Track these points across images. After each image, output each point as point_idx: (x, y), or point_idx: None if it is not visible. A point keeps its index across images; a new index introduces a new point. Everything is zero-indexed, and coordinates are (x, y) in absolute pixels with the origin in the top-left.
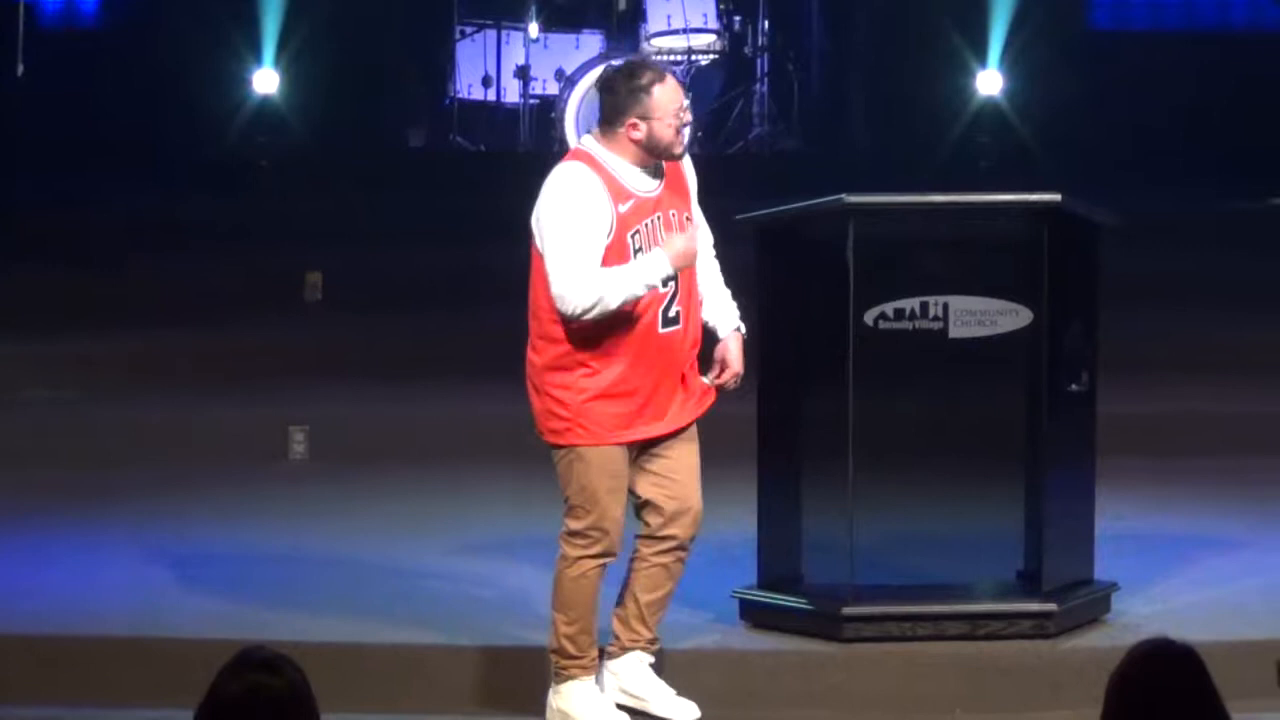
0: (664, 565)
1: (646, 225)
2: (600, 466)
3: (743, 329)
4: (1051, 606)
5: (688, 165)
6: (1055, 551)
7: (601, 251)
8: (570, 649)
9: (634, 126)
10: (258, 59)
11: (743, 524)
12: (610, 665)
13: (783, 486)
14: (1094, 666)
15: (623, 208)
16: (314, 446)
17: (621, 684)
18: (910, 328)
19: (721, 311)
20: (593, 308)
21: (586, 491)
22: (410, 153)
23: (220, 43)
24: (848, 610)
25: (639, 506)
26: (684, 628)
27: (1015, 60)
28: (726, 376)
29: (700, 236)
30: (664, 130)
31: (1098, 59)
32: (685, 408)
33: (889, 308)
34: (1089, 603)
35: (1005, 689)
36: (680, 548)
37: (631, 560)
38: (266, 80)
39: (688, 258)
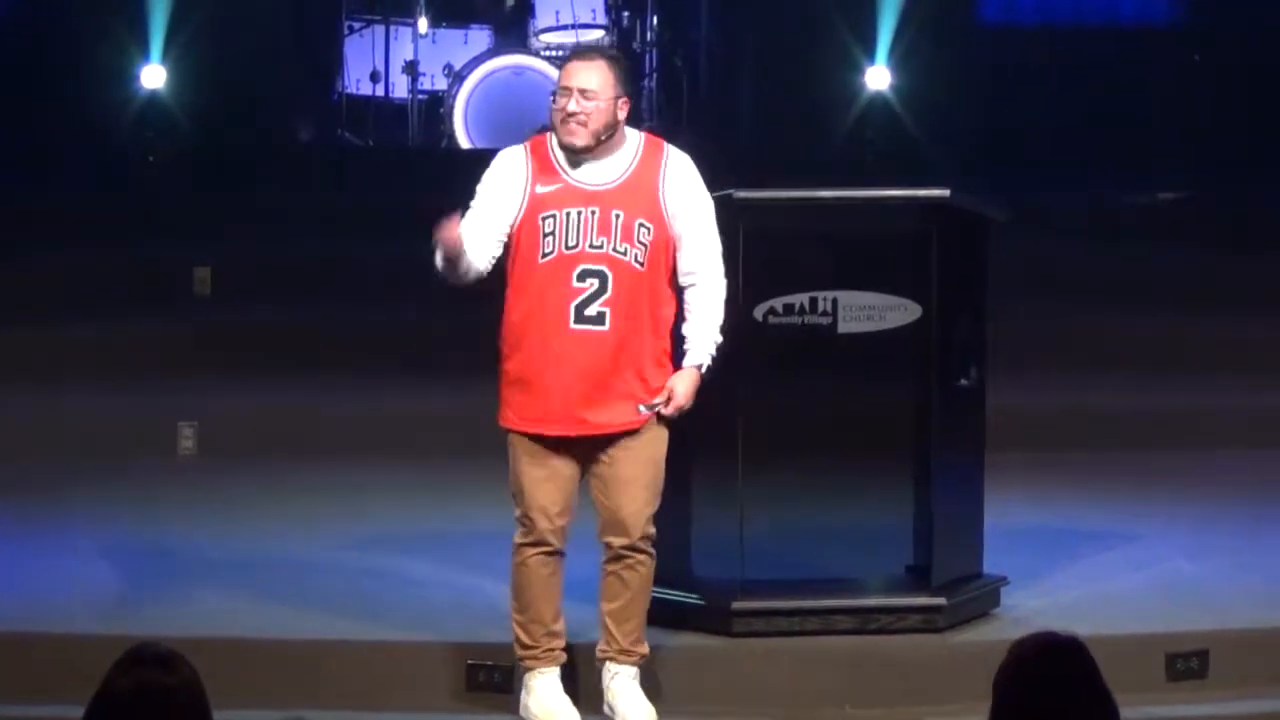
0: (614, 573)
1: (569, 214)
2: (523, 453)
3: (704, 367)
4: (940, 600)
5: (682, 179)
6: (944, 546)
7: (491, 222)
8: (523, 638)
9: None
10: (145, 54)
11: None
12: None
13: (672, 481)
14: (983, 660)
15: (541, 188)
16: (202, 442)
17: (605, 697)
18: (799, 323)
19: (690, 344)
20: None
21: (514, 477)
22: (298, 148)
23: (107, 38)
24: (737, 605)
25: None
26: (573, 622)
27: (904, 56)
28: (669, 409)
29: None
30: (553, 111)
31: (986, 54)
32: (607, 414)
33: (778, 303)
34: (978, 597)
35: (895, 683)
36: (620, 556)
37: None
38: (154, 76)
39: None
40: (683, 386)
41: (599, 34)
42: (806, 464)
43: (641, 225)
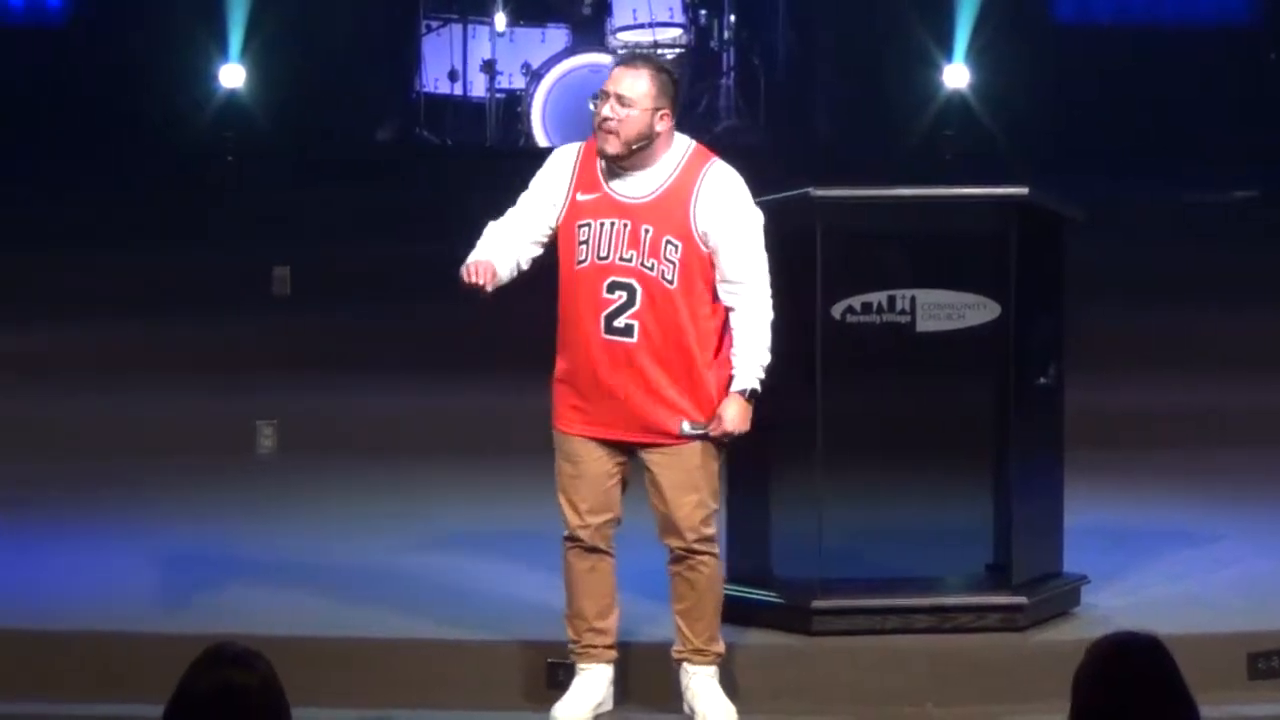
0: (678, 574)
1: (603, 225)
2: (560, 449)
3: (749, 391)
4: (1021, 599)
5: (715, 196)
6: (1024, 544)
7: (531, 226)
8: (569, 631)
9: None
10: (224, 54)
11: None
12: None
13: (751, 481)
14: (1064, 659)
15: (582, 196)
16: (282, 441)
17: (685, 697)
18: (877, 321)
19: (736, 368)
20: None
21: (556, 471)
22: (376, 147)
23: (187, 38)
24: (817, 604)
25: None
26: (652, 622)
27: (981, 54)
28: (716, 433)
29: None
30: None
31: (1062, 52)
32: (641, 422)
33: (856, 301)
34: (1058, 595)
35: (975, 682)
36: (680, 558)
37: None
38: (233, 75)
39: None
40: (730, 413)
41: (676, 32)
42: (885, 462)
43: (669, 242)
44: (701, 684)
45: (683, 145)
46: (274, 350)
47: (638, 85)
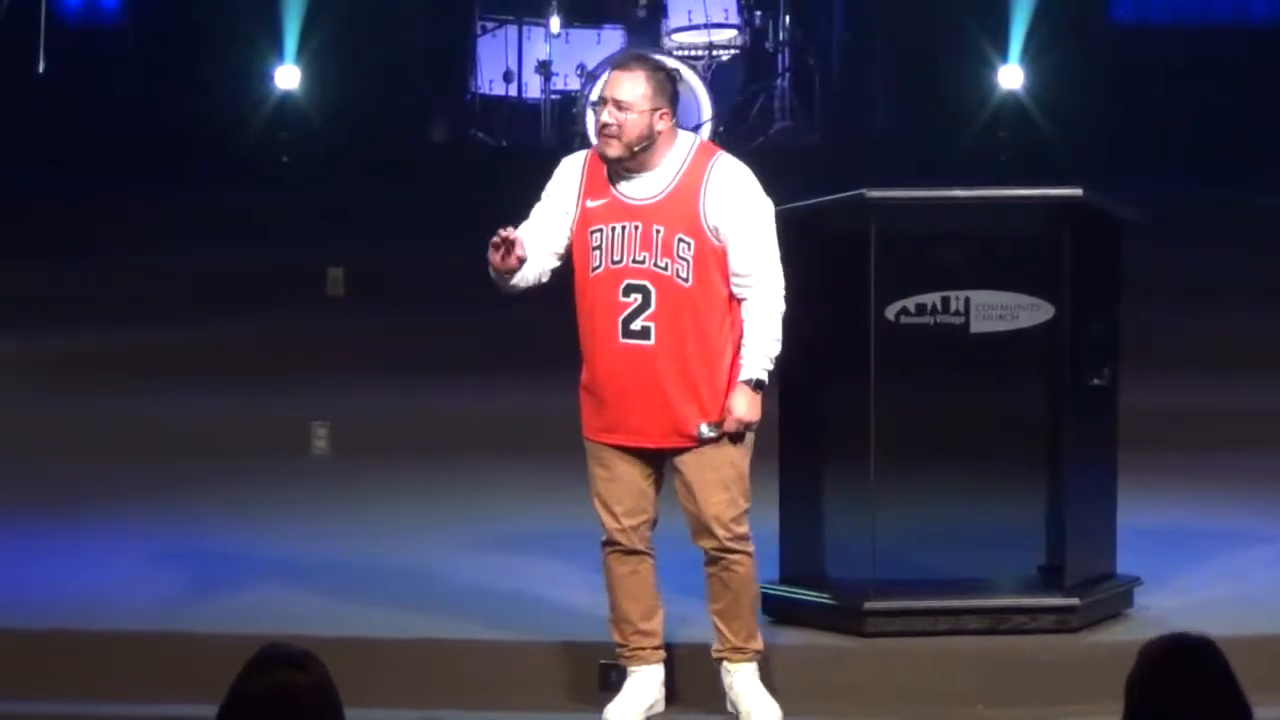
0: (714, 575)
1: (615, 229)
2: (592, 455)
3: (755, 381)
4: (1074, 601)
5: (723, 190)
6: (1077, 546)
7: (546, 238)
8: (614, 635)
9: None
10: (279, 55)
11: (764, 519)
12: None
13: (804, 481)
14: (1117, 661)
15: (591, 202)
16: (336, 442)
17: (728, 696)
18: (931, 322)
19: (742, 358)
20: None
21: (589, 477)
22: (432, 148)
23: (242, 39)
24: (870, 605)
25: None
26: (706, 623)
27: (1036, 55)
28: (729, 427)
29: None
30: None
31: (1118, 53)
32: (663, 428)
33: (910, 303)
34: (1112, 597)
35: (1028, 684)
36: (715, 559)
37: None
38: (288, 76)
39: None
40: (737, 405)
41: (731, 33)
42: (939, 464)
43: (681, 240)
44: (743, 682)
45: (687, 142)
46: (328, 351)
47: (634, 88)
